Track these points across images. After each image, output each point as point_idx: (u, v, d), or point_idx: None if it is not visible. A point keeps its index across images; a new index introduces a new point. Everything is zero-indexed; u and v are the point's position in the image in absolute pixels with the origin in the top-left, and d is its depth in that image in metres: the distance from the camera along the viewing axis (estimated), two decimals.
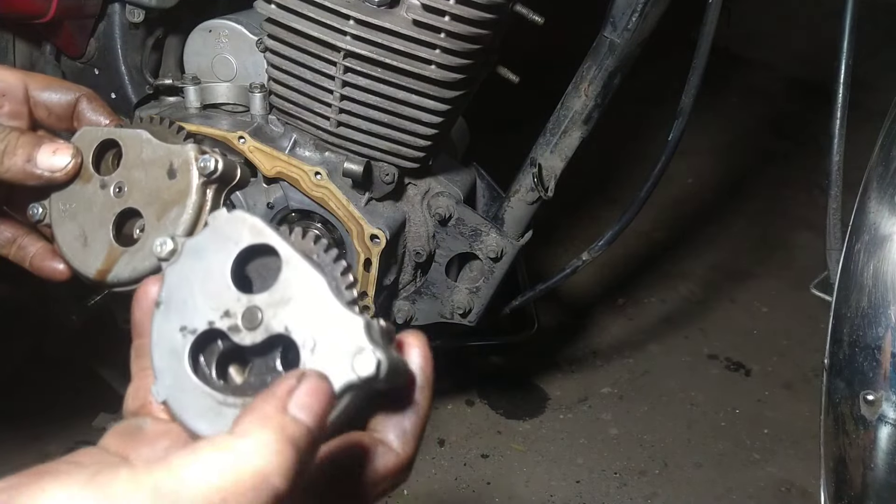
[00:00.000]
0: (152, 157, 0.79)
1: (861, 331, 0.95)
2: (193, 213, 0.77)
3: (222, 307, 0.57)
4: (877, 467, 0.94)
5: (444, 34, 1.05)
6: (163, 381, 0.58)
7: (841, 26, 1.08)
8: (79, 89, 0.86)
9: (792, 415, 2.13)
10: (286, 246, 0.57)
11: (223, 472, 0.44)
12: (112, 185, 0.80)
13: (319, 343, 0.54)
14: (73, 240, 0.83)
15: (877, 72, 3.34)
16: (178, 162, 0.78)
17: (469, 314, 1.34)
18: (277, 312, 0.56)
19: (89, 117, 0.86)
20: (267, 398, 0.49)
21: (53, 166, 0.80)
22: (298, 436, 0.47)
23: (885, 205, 0.96)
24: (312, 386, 0.50)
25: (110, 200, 0.80)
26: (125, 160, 0.80)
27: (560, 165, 1.29)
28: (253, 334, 0.56)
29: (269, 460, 0.45)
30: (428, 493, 1.89)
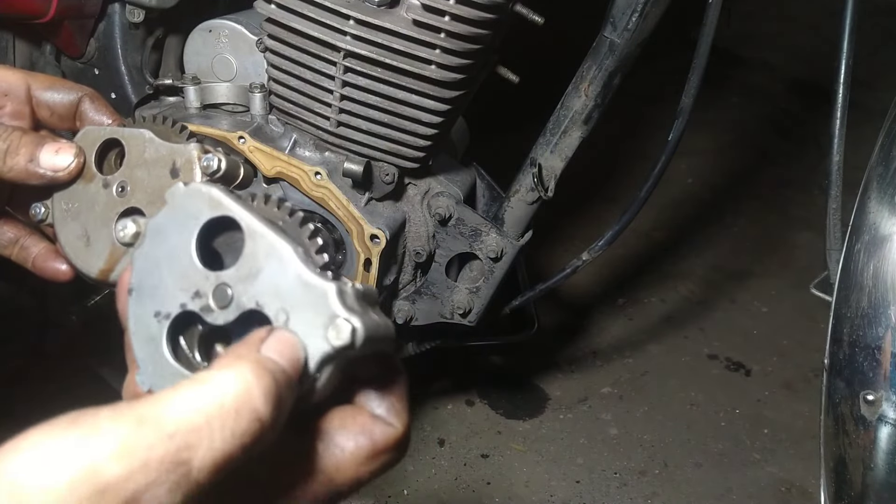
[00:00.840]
0: (155, 156, 0.79)
1: (861, 331, 0.95)
2: None
3: (192, 287, 0.55)
4: (877, 467, 0.94)
5: (444, 34, 1.05)
6: (145, 369, 0.56)
7: (841, 26, 1.08)
8: (81, 89, 0.86)
9: (792, 415, 2.14)
10: (247, 215, 0.54)
11: (206, 399, 0.44)
12: (115, 184, 0.80)
13: (292, 315, 0.52)
14: (76, 239, 0.83)
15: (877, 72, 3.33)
16: (181, 161, 0.78)
17: (469, 314, 1.34)
18: (247, 287, 0.53)
19: (92, 117, 0.86)
20: (239, 344, 0.50)
21: (56, 166, 0.80)
22: (274, 369, 0.48)
23: (885, 205, 0.96)
24: (282, 336, 0.51)
25: (113, 200, 0.80)
26: (128, 159, 0.80)
27: (560, 165, 1.29)
28: (225, 313, 0.54)
29: (249, 383, 0.46)
30: (428, 493, 1.89)
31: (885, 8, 4.44)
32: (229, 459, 0.44)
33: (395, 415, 0.59)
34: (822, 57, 1.30)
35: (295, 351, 0.50)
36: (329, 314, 0.51)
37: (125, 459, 0.41)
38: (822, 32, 4.22)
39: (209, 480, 0.43)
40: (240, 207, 0.55)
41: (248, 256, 0.54)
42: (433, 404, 2.14)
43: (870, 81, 3.54)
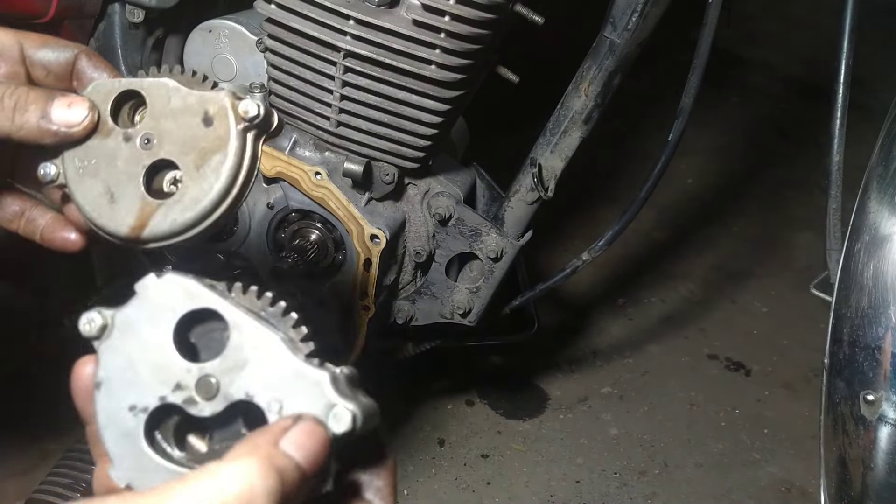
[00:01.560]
0: (183, 105, 0.75)
1: (861, 331, 0.95)
2: (236, 159, 0.73)
3: (172, 380, 0.54)
4: (877, 467, 0.94)
5: (444, 34, 1.05)
6: (121, 465, 0.55)
7: (841, 26, 1.08)
8: (76, 46, 0.81)
9: (792, 415, 2.13)
10: (229, 307, 0.54)
11: (209, 495, 0.44)
12: (138, 137, 0.76)
13: (286, 404, 0.52)
14: (98, 197, 0.77)
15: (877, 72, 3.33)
16: (215, 108, 0.74)
17: (469, 314, 1.34)
18: (234, 378, 0.53)
19: (90, 74, 0.80)
20: (261, 432, 0.49)
21: (70, 121, 0.75)
22: (285, 468, 0.47)
23: (885, 205, 0.96)
24: (308, 427, 0.50)
25: (137, 153, 0.76)
26: (151, 110, 0.76)
27: (560, 165, 1.29)
28: (212, 404, 0.53)
29: (253, 483, 0.45)
30: (427, 493, 1.89)
31: (885, 8, 4.44)
32: None
33: (383, 499, 0.58)
34: (822, 57, 1.30)
35: (319, 444, 0.50)
36: (326, 403, 0.52)
37: None
38: (822, 32, 4.21)
39: None
40: (220, 300, 0.54)
41: (233, 348, 0.54)
42: (433, 404, 2.14)
43: (870, 81, 3.53)
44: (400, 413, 2.10)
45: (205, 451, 0.58)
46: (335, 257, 1.25)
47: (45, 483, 1.35)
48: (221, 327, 0.55)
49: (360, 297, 1.21)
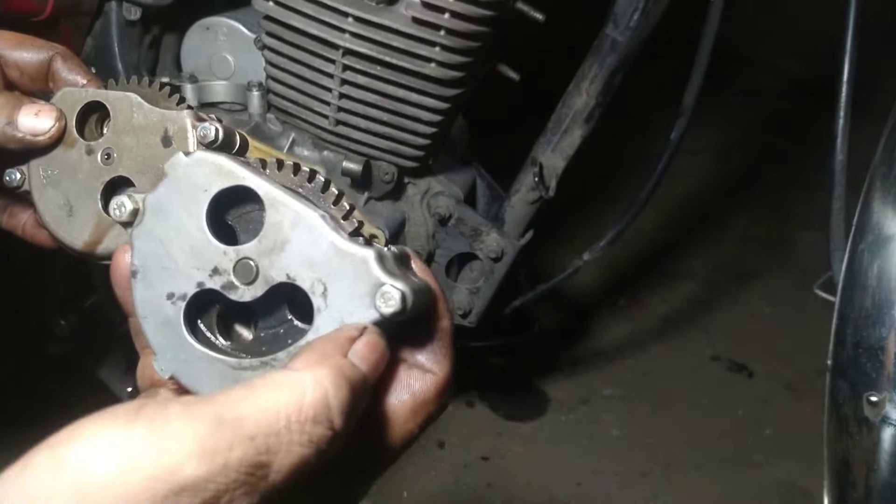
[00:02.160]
0: (144, 122, 0.74)
1: (865, 332, 0.94)
2: None
3: (209, 265, 0.52)
4: (880, 469, 0.94)
5: (443, 32, 1.04)
6: (164, 355, 0.53)
7: (844, 25, 1.08)
8: (52, 47, 0.81)
9: (795, 416, 2.13)
10: (265, 184, 0.51)
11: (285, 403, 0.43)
12: (99, 151, 0.75)
13: (330, 286, 0.50)
14: (57, 209, 0.78)
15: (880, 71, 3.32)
16: (175, 129, 0.73)
17: (469, 315, 1.33)
18: (274, 260, 0.51)
19: (65, 77, 0.80)
20: (327, 340, 0.48)
21: (36, 129, 0.75)
22: (356, 378, 0.47)
23: (889, 205, 0.96)
24: (372, 340, 0.50)
25: (98, 168, 0.75)
26: (114, 125, 0.75)
27: (561, 164, 1.28)
28: (252, 288, 0.51)
29: (328, 392, 0.45)
30: (428, 495, 1.88)
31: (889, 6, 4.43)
32: (306, 464, 0.43)
33: (436, 361, 0.57)
34: (825, 56, 1.29)
35: (381, 358, 0.50)
36: (373, 282, 0.50)
37: (206, 461, 0.40)
38: (825, 31, 4.21)
39: (285, 484, 0.43)
40: (255, 176, 0.52)
41: (272, 227, 0.51)
42: None
43: (873, 81, 3.53)
44: None
45: (250, 339, 0.56)
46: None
47: None
48: (258, 207, 0.52)
49: None
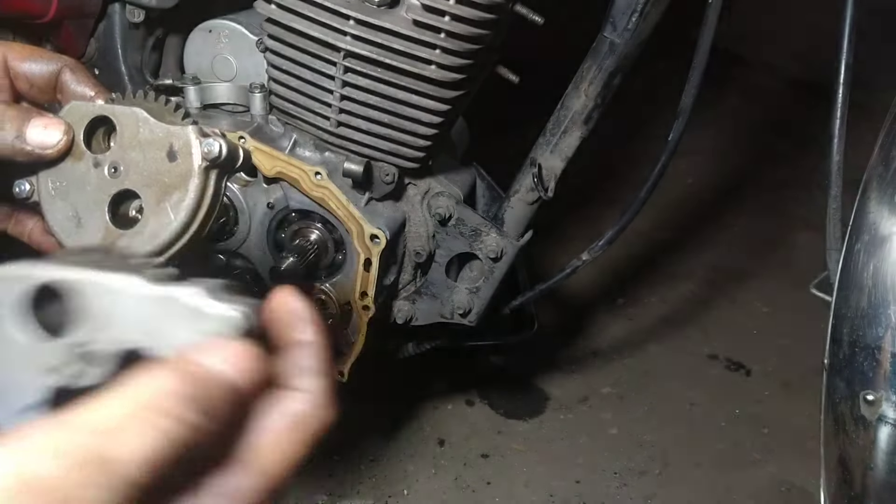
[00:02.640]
0: (150, 137, 0.76)
1: (861, 331, 0.95)
2: (196, 197, 0.74)
3: (45, 366, 0.49)
4: (877, 467, 0.94)
5: (444, 34, 1.05)
6: None
7: (841, 26, 1.08)
8: (61, 59, 0.82)
9: (792, 415, 2.13)
10: (58, 271, 0.49)
11: (122, 400, 0.42)
12: (106, 164, 0.77)
13: (165, 335, 0.48)
14: (66, 220, 0.79)
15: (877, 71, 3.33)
16: (179, 144, 0.75)
17: (469, 314, 1.34)
18: (105, 336, 0.49)
19: (73, 89, 0.82)
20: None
21: (44, 143, 0.76)
22: (208, 374, 0.45)
23: (886, 205, 0.96)
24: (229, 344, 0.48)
25: (105, 181, 0.77)
26: (120, 139, 0.77)
27: (560, 165, 1.29)
28: (96, 369, 0.49)
29: (177, 386, 0.43)
30: (428, 493, 1.89)
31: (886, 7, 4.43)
32: (160, 457, 0.41)
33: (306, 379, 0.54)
34: (822, 56, 1.30)
35: (238, 359, 0.47)
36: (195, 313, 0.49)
37: (60, 458, 0.38)
38: (823, 32, 4.21)
39: (145, 479, 0.41)
40: (45, 270, 0.50)
41: (86, 306, 0.49)
42: (433, 404, 2.14)
43: (870, 81, 3.53)
44: (400, 413, 2.10)
45: None
46: (335, 257, 1.25)
47: None
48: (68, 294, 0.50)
49: (360, 297, 1.21)
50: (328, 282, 1.27)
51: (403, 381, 2.19)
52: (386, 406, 2.13)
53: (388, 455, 1.99)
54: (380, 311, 1.26)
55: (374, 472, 1.94)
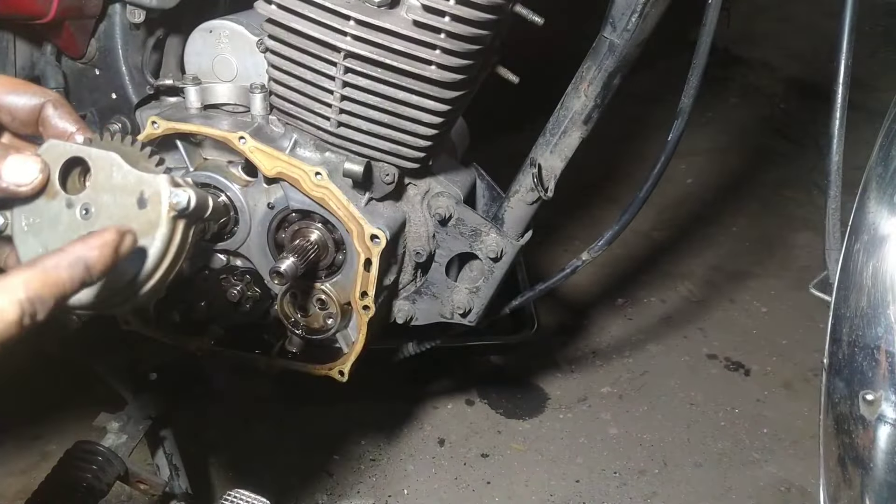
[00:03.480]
0: (122, 183, 0.77)
1: (860, 331, 0.95)
2: (162, 246, 0.75)
3: None
4: (876, 467, 0.94)
5: (444, 35, 1.05)
6: None
7: (840, 26, 1.08)
8: (45, 94, 0.83)
9: (791, 414, 2.14)
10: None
11: None
12: (79, 205, 0.78)
13: None
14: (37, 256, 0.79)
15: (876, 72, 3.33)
16: (150, 192, 0.75)
17: (469, 314, 1.34)
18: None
19: (55, 124, 0.83)
20: None
21: (19, 180, 0.77)
22: None
23: (885, 205, 0.96)
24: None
25: (76, 222, 0.78)
26: (94, 182, 0.78)
27: (560, 166, 1.29)
28: None
29: None
30: (428, 492, 1.89)
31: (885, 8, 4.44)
32: None
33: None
34: (822, 57, 1.30)
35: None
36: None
37: None
38: (821, 33, 4.22)
39: None
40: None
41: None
42: (433, 404, 2.15)
43: (869, 82, 3.54)
44: (400, 413, 2.10)
45: None
46: (336, 257, 1.25)
47: (46, 482, 1.35)
48: None
49: (361, 297, 1.22)
50: (328, 282, 1.27)
51: (403, 380, 2.19)
52: (386, 406, 2.13)
53: (388, 455, 1.99)
54: (380, 311, 1.26)
55: (374, 472, 1.95)
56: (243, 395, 2.10)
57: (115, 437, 1.52)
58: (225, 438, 2.01)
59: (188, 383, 1.74)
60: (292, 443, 2.01)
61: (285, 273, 1.15)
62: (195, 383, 1.97)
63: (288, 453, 1.98)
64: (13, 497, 1.78)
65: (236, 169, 1.27)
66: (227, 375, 2.05)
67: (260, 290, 1.32)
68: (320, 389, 1.57)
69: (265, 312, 1.36)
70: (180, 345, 1.37)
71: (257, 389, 2.12)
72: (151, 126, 1.20)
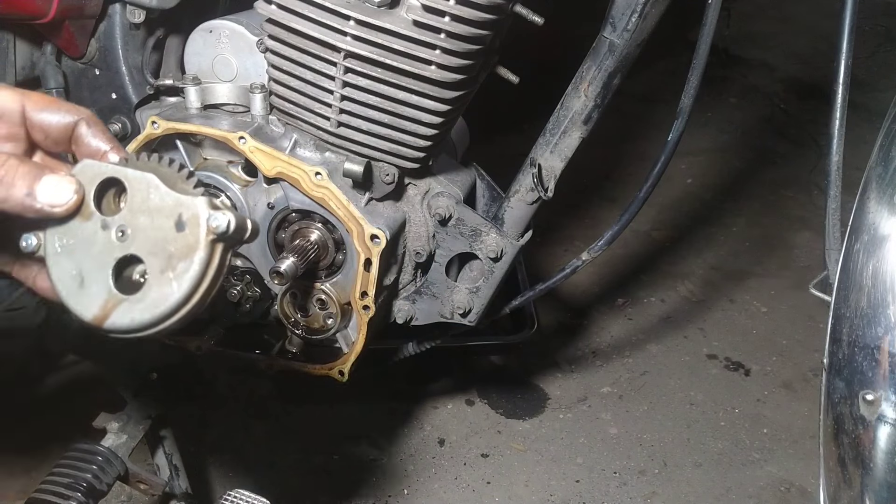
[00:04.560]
0: (160, 204, 0.75)
1: (860, 331, 0.95)
2: (200, 270, 0.74)
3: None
4: (876, 467, 0.94)
5: (444, 35, 1.05)
6: None
7: (840, 27, 1.08)
8: (78, 112, 0.82)
9: (791, 414, 2.14)
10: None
11: None
12: (114, 227, 0.77)
13: None
14: (70, 279, 0.79)
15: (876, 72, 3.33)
16: (188, 215, 0.74)
17: (469, 314, 1.34)
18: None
19: (88, 142, 0.82)
20: None
21: (54, 201, 0.76)
22: None
23: (885, 205, 0.96)
24: None
25: (111, 244, 0.77)
26: (130, 203, 0.76)
27: (560, 166, 1.29)
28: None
29: None
30: (428, 493, 1.89)
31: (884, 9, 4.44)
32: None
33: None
34: (821, 57, 1.30)
35: None
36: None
37: None
38: (821, 33, 4.23)
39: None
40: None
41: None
42: (433, 404, 2.15)
43: (869, 82, 3.54)
44: (400, 413, 2.10)
45: None
46: (336, 257, 1.25)
47: (46, 482, 1.35)
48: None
49: (361, 297, 1.22)
50: (328, 282, 1.27)
51: (403, 380, 2.20)
52: (386, 406, 2.13)
53: (388, 455, 1.99)
54: (380, 311, 1.26)
55: (374, 472, 1.95)
56: (243, 395, 2.11)
57: (115, 437, 1.52)
58: (225, 438, 2.01)
59: (188, 383, 1.74)
60: (292, 443, 2.01)
61: (285, 273, 1.15)
62: (195, 383, 1.97)
63: (288, 453, 1.98)
64: (13, 497, 1.78)
65: (236, 169, 1.27)
66: (226, 375, 2.05)
67: (260, 290, 1.32)
68: (320, 389, 1.57)
69: (265, 312, 1.36)
70: (180, 345, 1.38)
71: (257, 389, 2.13)
72: (151, 126, 1.20)
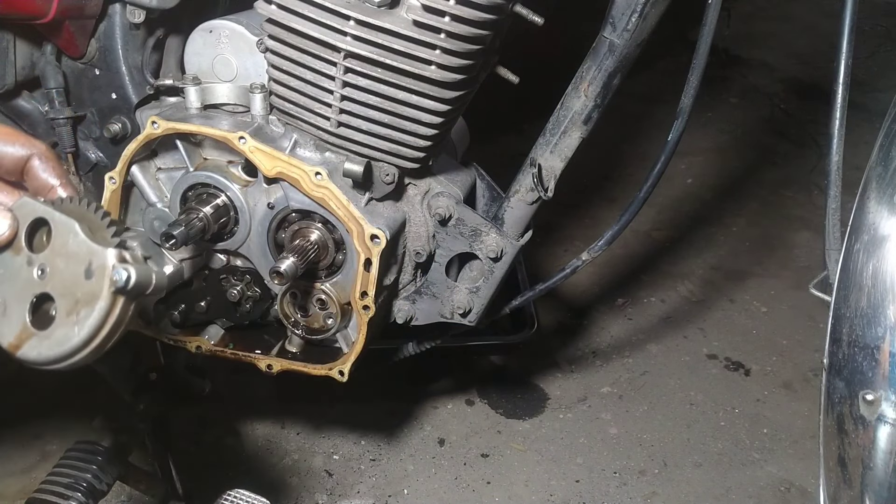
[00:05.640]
0: (76, 250, 0.79)
1: (860, 330, 0.95)
2: (100, 318, 0.77)
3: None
4: (876, 467, 0.94)
5: (444, 35, 1.05)
6: None
7: (840, 27, 1.08)
8: (34, 146, 0.87)
9: (791, 414, 2.14)
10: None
11: None
12: (37, 265, 0.81)
13: None
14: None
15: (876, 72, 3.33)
16: (97, 264, 0.78)
17: (469, 314, 1.34)
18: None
19: (38, 176, 0.86)
20: None
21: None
22: None
23: (885, 205, 0.96)
24: None
25: (32, 280, 0.81)
26: (53, 244, 0.81)
27: (560, 166, 1.29)
28: None
29: None
30: (428, 492, 1.89)
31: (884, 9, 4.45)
32: None
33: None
34: (821, 57, 1.30)
35: None
36: None
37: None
38: (821, 33, 4.23)
39: None
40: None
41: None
42: (433, 404, 2.15)
43: (869, 82, 3.54)
44: (400, 413, 2.10)
45: None
46: (336, 257, 1.25)
47: (46, 482, 1.35)
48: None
49: (361, 297, 1.22)
50: (328, 282, 1.27)
51: (403, 380, 2.20)
52: (386, 406, 2.13)
53: (388, 455, 1.99)
54: (380, 311, 1.26)
55: (374, 472, 1.95)
56: (243, 395, 2.11)
57: (115, 437, 1.52)
58: (225, 438, 2.01)
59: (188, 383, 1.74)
60: (292, 443, 2.01)
61: (285, 273, 1.15)
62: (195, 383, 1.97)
63: (288, 453, 1.98)
64: (13, 497, 1.78)
65: (236, 169, 1.27)
66: (226, 375, 2.05)
67: (260, 290, 1.32)
68: (320, 389, 1.57)
69: (265, 312, 1.36)
70: (180, 345, 1.38)
71: (257, 389, 2.13)
72: (151, 126, 1.20)
